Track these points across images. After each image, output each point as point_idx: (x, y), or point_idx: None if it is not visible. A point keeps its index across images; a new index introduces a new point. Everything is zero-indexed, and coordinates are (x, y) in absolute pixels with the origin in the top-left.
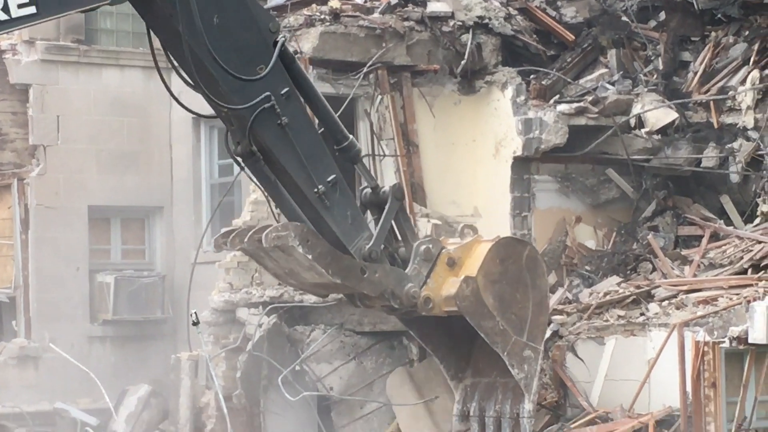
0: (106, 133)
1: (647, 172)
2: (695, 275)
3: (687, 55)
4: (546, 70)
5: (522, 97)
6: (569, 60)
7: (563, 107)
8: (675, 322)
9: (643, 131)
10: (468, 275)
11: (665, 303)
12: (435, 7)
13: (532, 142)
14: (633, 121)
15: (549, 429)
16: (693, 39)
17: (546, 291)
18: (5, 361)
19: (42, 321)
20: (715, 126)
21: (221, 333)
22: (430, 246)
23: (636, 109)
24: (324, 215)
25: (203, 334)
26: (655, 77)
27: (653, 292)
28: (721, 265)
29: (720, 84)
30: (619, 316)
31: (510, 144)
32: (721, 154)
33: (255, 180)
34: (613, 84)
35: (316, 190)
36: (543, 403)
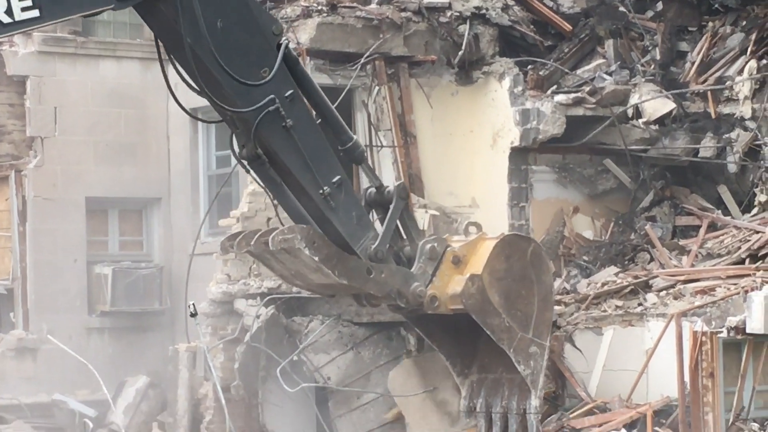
0: (103, 125)
1: (645, 162)
2: (693, 265)
3: (684, 45)
4: (543, 60)
5: (519, 88)
6: (566, 50)
7: (561, 98)
8: (673, 312)
9: (641, 121)
10: (473, 273)
11: (663, 293)
12: None
13: (529, 132)
14: (630, 112)
15: (548, 419)
16: (690, 29)
17: (551, 287)
18: (3, 353)
19: (40, 312)
20: (713, 116)
21: (219, 324)
22: (435, 244)
23: (633, 100)
24: (329, 216)
25: (201, 325)
26: (653, 67)
27: (651, 282)
28: (719, 255)
29: (717, 74)
30: (617, 306)
31: (507, 134)
32: (719, 144)
33: (260, 182)
34: (611, 74)
35: (321, 191)
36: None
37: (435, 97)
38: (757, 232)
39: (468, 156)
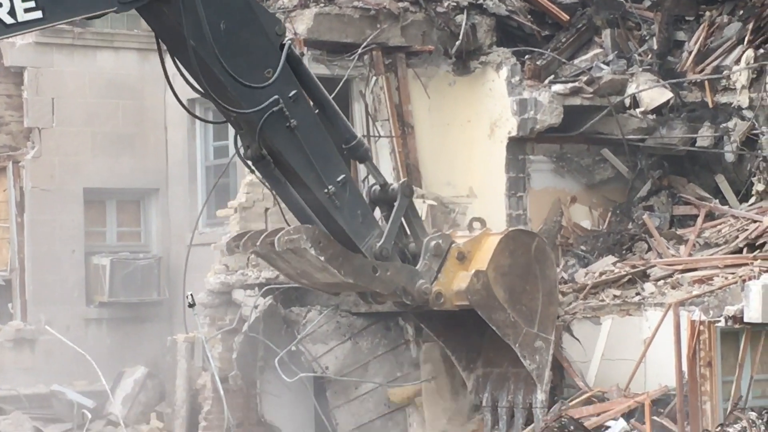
0: (101, 116)
1: (642, 151)
2: (691, 255)
3: (681, 35)
4: (541, 50)
5: (517, 78)
6: (564, 40)
7: (558, 87)
8: (670, 301)
9: (638, 111)
10: (478, 269)
11: (661, 282)
12: None
13: (527, 122)
14: (628, 101)
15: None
16: (687, 18)
17: (555, 281)
18: (1, 344)
19: (38, 303)
20: (710, 105)
21: (217, 315)
22: (440, 241)
23: (631, 89)
24: (334, 215)
25: (199, 315)
26: (650, 57)
27: (649, 271)
28: (717, 245)
29: (715, 63)
30: (615, 295)
31: (505, 124)
32: (716, 133)
33: (266, 183)
34: (608, 64)
35: (326, 190)
36: None
37: (432, 87)
38: (755, 221)
39: (465, 146)
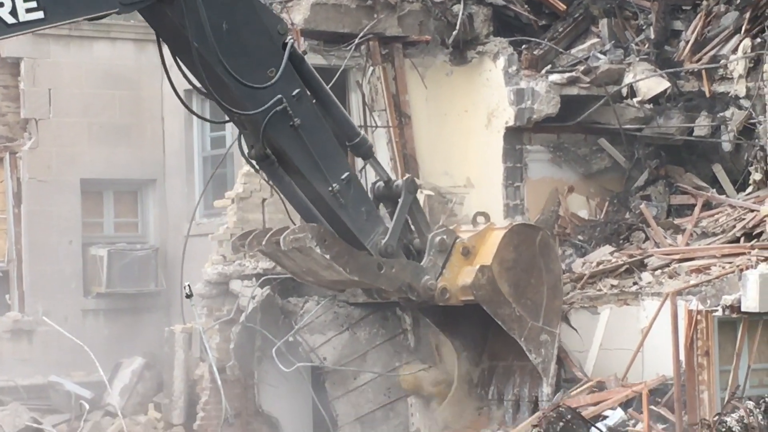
0: (98, 106)
1: (639, 141)
2: (688, 244)
3: (679, 24)
4: (538, 40)
5: (514, 68)
6: (561, 30)
7: (555, 77)
8: (668, 291)
9: (635, 100)
10: (483, 264)
11: (658, 272)
12: None
13: (524, 112)
14: (625, 91)
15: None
16: (684, 8)
17: (559, 274)
18: None
19: (35, 294)
20: (707, 95)
21: (215, 305)
22: (444, 237)
23: (628, 79)
24: (339, 213)
25: (197, 306)
26: (647, 46)
27: (646, 261)
28: (714, 234)
29: (712, 53)
30: (612, 285)
31: (502, 114)
32: (713, 122)
33: (270, 182)
34: (605, 53)
35: (330, 188)
36: None
37: (429, 78)
38: (752, 210)
39: (463, 136)
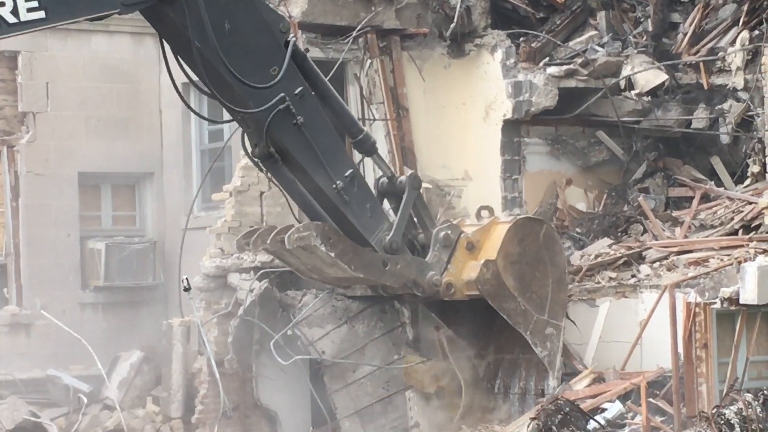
0: (95, 100)
1: (637, 133)
2: (686, 236)
3: (676, 17)
4: (535, 32)
5: (512, 60)
6: (559, 22)
7: (553, 70)
8: (666, 283)
9: (633, 93)
10: (488, 259)
11: (656, 264)
12: None
13: (522, 104)
14: (623, 83)
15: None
16: (682, 0)
17: (564, 267)
18: None
19: (33, 288)
20: (705, 87)
21: (213, 298)
22: (449, 232)
23: (626, 71)
24: (343, 210)
25: (195, 299)
26: (645, 39)
27: (644, 253)
28: (712, 226)
29: (710, 45)
30: (611, 278)
31: (500, 107)
32: (711, 115)
33: (275, 181)
34: (603, 46)
35: (334, 186)
36: None
37: (427, 70)
38: (750, 202)
39: (460, 129)
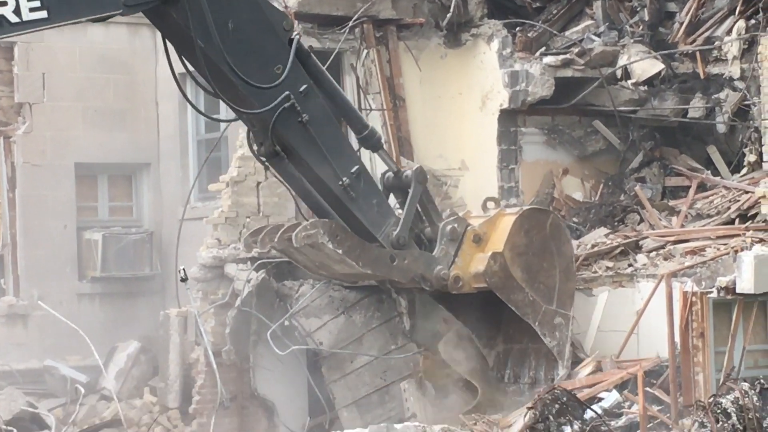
0: (92, 90)
1: (634, 123)
2: (683, 226)
3: (673, 6)
4: (532, 22)
5: (508, 50)
6: (555, 12)
7: (549, 59)
8: (663, 272)
9: (630, 82)
10: (495, 251)
11: (653, 254)
12: None
13: (518, 94)
14: (619, 73)
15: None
16: None
17: (571, 256)
18: None
19: (30, 279)
20: (702, 76)
21: (210, 289)
22: (455, 225)
23: (622, 61)
24: (350, 206)
25: (192, 290)
26: (641, 28)
27: (641, 243)
28: (709, 216)
29: (706, 34)
30: (608, 267)
31: (496, 97)
32: (708, 104)
33: (281, 179)
34: (599, 35)
35: (340, 182)
36: None
37: (423, 60)
38: (747, 192)
39: (457, 119)
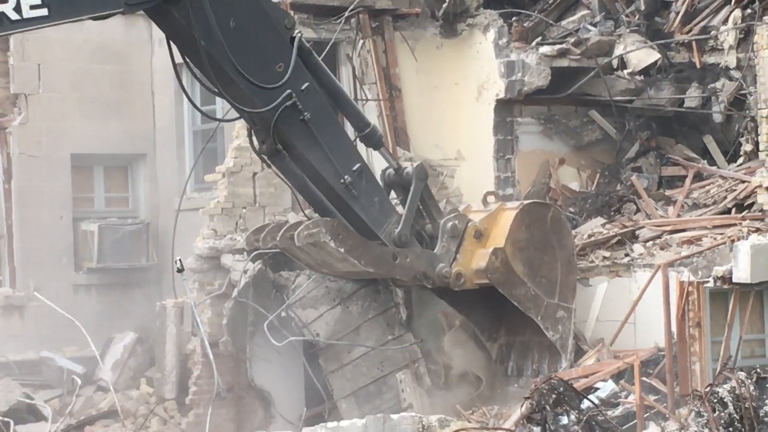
0: (87, 81)
1: (630, 113)
2: (679, 215)
3: None
4: (528, 12)
5: (504, 40)
6: (551, 2)
7: (545, 49)
8: (659, 262)
9: (626, 72)
10: (496, 247)
11: (650, 243)
12: None
13: (514, 84)
14: (615, 62)
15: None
16: None
17: (572, 249)
18: None
19: (26, 270)
20: (698, 66)
21: (206, 279)
22: (456, 222)
23: (618, 50)
24: (352, 204)
25: (188, 280)
26: (637, 18)
27: (638, 232)
28: (705, 205)
29: (702, 24)
30: (604, 257)
31: (492, 87)
32: (704, 94)
33: (283, 177)
34: (595, 25)
35: (342, 180)
36: None
37: (420, 50)
38: (743, 181)
39: (453, 109)
